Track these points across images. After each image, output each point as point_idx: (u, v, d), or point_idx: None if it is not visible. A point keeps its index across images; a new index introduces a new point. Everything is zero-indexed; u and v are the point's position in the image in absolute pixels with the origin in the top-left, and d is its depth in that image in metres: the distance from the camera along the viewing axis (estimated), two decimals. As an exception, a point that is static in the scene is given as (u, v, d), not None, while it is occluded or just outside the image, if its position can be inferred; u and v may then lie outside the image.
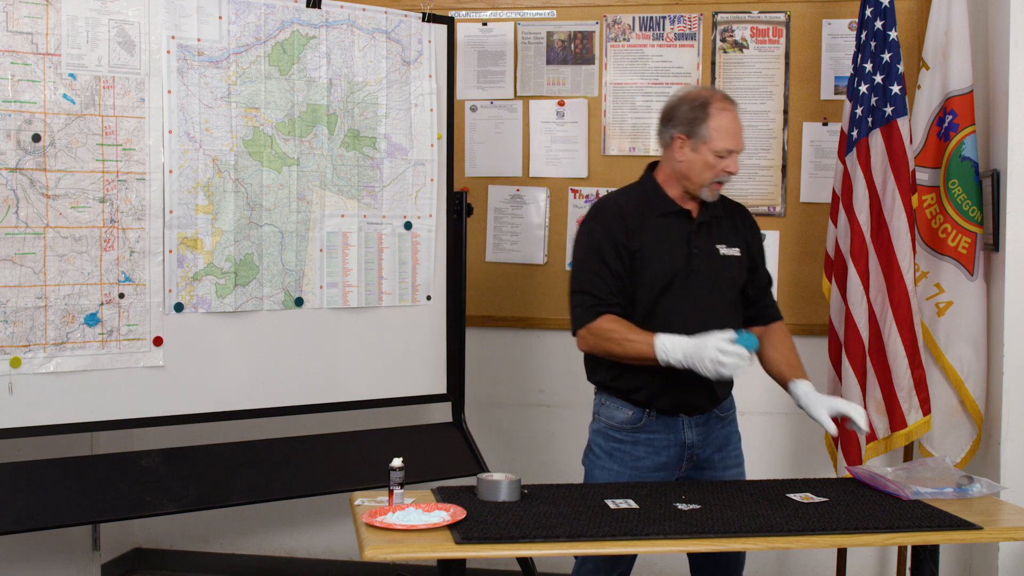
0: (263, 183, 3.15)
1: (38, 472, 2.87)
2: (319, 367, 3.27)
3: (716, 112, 2.66)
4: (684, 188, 2.73)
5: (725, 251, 2.76)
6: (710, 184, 2.70)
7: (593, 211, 2.78)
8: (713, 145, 2.66)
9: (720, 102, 2.68)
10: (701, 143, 2.67)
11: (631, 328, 2.64)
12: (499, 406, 4.07)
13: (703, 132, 2.66)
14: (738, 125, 2.70)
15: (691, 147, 2.69)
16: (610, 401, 2.78)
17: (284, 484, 3.19)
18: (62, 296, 2.85)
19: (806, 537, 2.23)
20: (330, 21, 3.25)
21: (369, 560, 2.09)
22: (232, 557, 4.27)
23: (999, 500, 2.58)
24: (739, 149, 2.69)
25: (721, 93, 2.73)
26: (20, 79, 2.78)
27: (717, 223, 2.78)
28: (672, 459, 2.75)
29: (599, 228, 2.72)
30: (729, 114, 2.68)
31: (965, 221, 3.42)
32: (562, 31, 3.99)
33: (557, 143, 4.00)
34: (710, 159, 2.66)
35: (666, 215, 2.73)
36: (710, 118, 2.66)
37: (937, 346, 3.49)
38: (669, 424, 2.74)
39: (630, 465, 2.74)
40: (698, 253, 2.72)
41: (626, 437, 2.75)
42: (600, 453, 2.79)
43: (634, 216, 2.72)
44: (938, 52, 3.45)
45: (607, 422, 2.78)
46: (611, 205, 2.76)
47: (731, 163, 2.68)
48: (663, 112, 2.77)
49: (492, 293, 4.06)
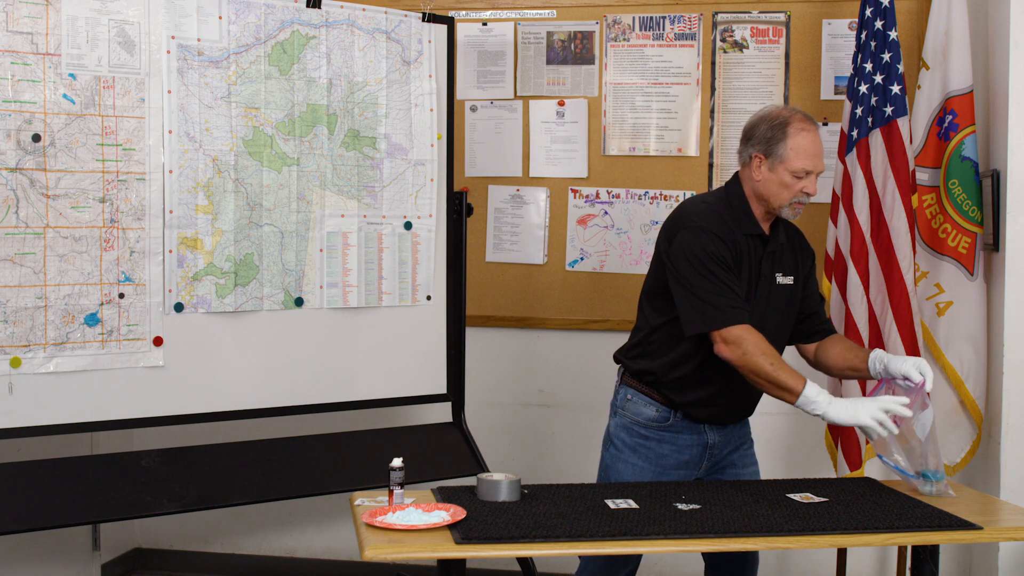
0: (263, 183, 3.15)
1: (38, 472, 2.87)
2: (319, 367, 3.27)
3: (795, 132, 2.63)
4: (765, 208, 2.71)
5: (781, 279, 2.75)
6: (790, 204, 2.67)
7: (697, 220, 2.68)
8: (790, 165, 2.63)
9: (800, 122, 2.65)
10: (779, 163, 2.64)
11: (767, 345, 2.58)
12: (499, 406, 4.07)
13: (781, 152, 2.63)
14: (818, 146, 2.66)
15: (768, 167, 2.66)
16: (637, 397, 2.79)
17: (284, 484, 3.19)
18: (62, 296, 2.85)
19: (806, 537, 2.23)
20: (330, 21, 3.25)
21: (369, 560, 2.09)
22: (232, 557, 4.27)
23: (999, 500, 2.58)
24: (818, 170, 2.66)
25: (803, 113, 2.70)
26: (20, 79, 2.78)
27: (781, 250, 2.77)
28: (694, 458, 2.78)
29: (715, 239, 2.64)
30: (808, 134, 2.64)
31: (965, 221, 3.42)
32: (562, 31, 3.99)
33: (557, 143, 4.00)
34: (787, 179, 2.64)
35: (749, 236, 2.70)
36: (788, 138, 2.63)
37: (937, 346, 3.49)
38: (692, 426, 2.77)
39: (654, 462, 2.77)
40: (763, 281, 2.71)
41: (652, 434, 2.77)
42: (623, 448, 2.80)
43: (732, 228, 2.69)
44: (938, 52, 3.45)
45: (633, 418, 2.79)
46: (714, 216, 2.68)
47: (809, 184, 2.65)
48: (744, 131, 2.75)
49: (492, 293, 4.06)
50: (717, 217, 2.68)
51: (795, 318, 2.83)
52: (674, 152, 3.93)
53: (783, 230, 2.79)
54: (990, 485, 3.41)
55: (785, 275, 2.77)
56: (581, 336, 4.02)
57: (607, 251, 3.98)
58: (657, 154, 3.94)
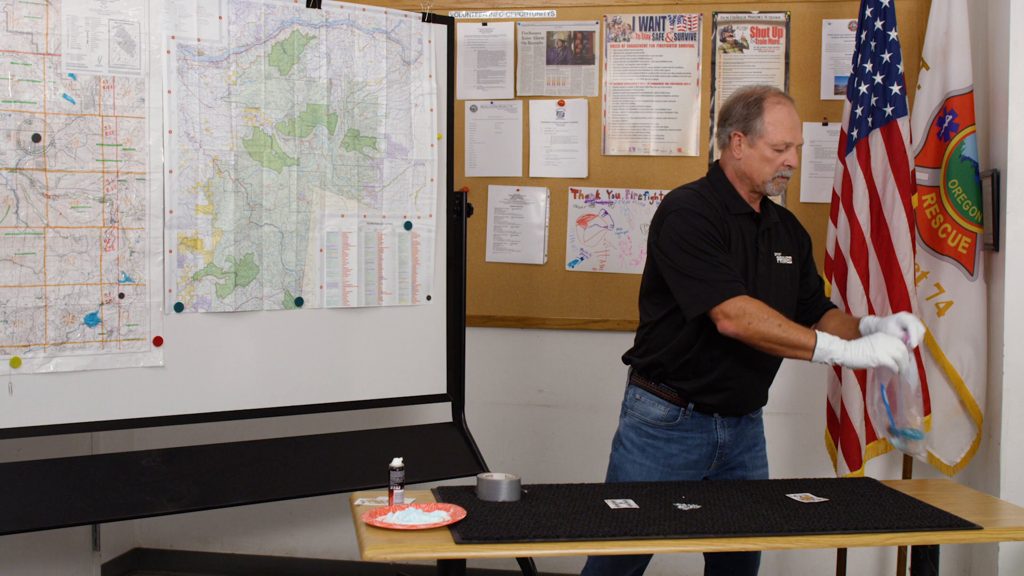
0: (263, 183, 3.15)
1: (38, 472, 2.87)
2: (319, 367, 3.27)
3: (770, 106, 2.67)
4: (750, 187, 2.73)
5: (781, 259, 2.77)
6: (773, 179, 2.69)
7: (681, 203, 2.70)
8: (770, 138, 2.66)
9: (774, 96, 2.69)
10: (758, 138, 2.67)
11: (771, 310, 2.57)
12: (499, 406, 4.07)
13: (758, 127, 2.67)
14: (794, 118, 2.69)
15: (748, 143, 2.69)
16: (645, 397, 2.79)
17: (284, 484, 3.19)
18: (62, 296, 2.85)
19: (806, 537, 2.23)
20: (330, 21, 3.25)
21: (369, 560, 2.09)
22: (232, 557, 4.27)
23: (999, 500, 2.58)
24: (797, 142, 2.69)
25: (776, 88, 2.74)
26: (20, 79, 2.78)
27: (776, 229, 2.79)
28: (703, 457, 2.78)
29: (701, 216, 2.65)
30: (784, 107, 2.68)
31: (965, 221, 3.42)
32: (562, 31, 3.99)
33: (557, 143, 4.00)
34: (768, 153, 2.67)
35: (740, 215, 2.72)
36: (765, 112, 2.67)
37: (937, 346, 3.49)
38: (703, 423, 2.76)
39: (662, 462, 2.76)
40: (762, 258, 2.72)
41: (660, 434, 2.77)
42: (631, 448, 2.80)
43: (721, 210, 2.71)
44: (938, 52, 3.45)
45: (641, 417, 2.80)
46: (698, 198, 2.71)
47: (790, 156, 2.68)
48: (720, 114, 2.79)
49: (492, 293, 4.06)
50: (701, 199, 2.70)
51: (796, 301, 2.83)
52: (674, 152, 3.93)
53: (774, 211, 2.81)
54: (990, 485, 3.41)
55: (784, 255, 2.78)
56: (581, 336, 4.02)
57: (607, 251, 3.98)
58: (657, 154, 3.94)
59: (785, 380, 3.90)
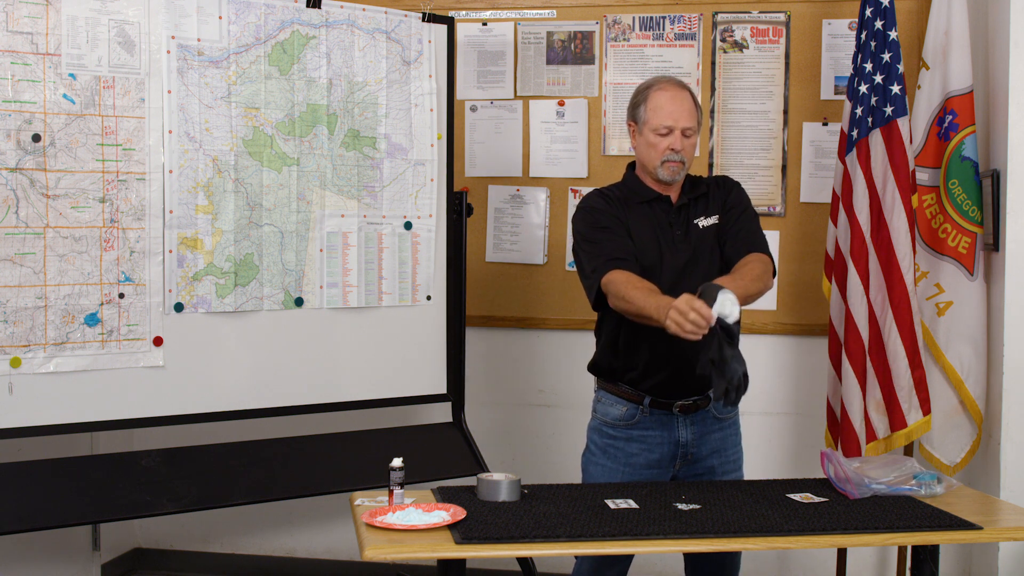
0: (263, 183, 3.15)
1: (38, 472, 2.87)
2: (319, 367, 3.27)
3: (653, 93, 2.72)
4: (653, 177, 2.77)
5: (704, 223, 2.78)
6: (662, 163, 2.71)
7: (583, 202, 2.82)
8: (651, 123, 2.71)
9: (660, 83, 2.74)
10: (643, 126, 2.74)
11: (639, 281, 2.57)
12: (499, 406, 4.07)
13: (642, 115, 2.74)
14: (678, 103, 2.69)
15: (638, 131, 2.77)
16: (606, 397, 2.81)
17: (284, 484, 3.19)
18: (62, 296, 2.85)
19: (806, 537, 2.23)
20: (330, 21, 3.25)
21: (369, 560, 2.09)
22: (232, 557, 4.27)
23: (999, 500, 2.58)
24: (680, 125, 2.69)
25: (668, 77, 2.78)
26: (20, 79, 2.78)
27: (697, 201, 2.80)
28: (666, 456, 2.77)
29: (594, 209, 2.75)
30: (666, 93, 2.71)
31: (965, 221, 3.42)
32: (562, 31, 3.99)
33: (557, 143, 4.00)
34: (652, 139, 2.71)
35: (647, 202, 2.77)
36: (648, 100, 2.72)
37: (937, 346, 3.48)
38: (663, 421, 2.76)
39: (623, 462, 2.76)
40: (677, 232, 2.74)
41: (620, 434, 2.77)
42: (595, 450, 2.82)
43: (619, 202, 2.77)
44: (938, 52, 3.45)
45: (602, 419, 2.82)
46: (597, 195, 2.81)
47: (673, 140, 2.69)
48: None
49: (492, 293, 4.06)
50: (599, 195, 2.80)
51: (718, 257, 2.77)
52: (674, 152, 3.92)
53: (705, 183, 2.81)
54: (990, 485, 3.41)
55: (708, 217, 2.79)
56: (581, 336, 4.01)
57: (607, 251, 3.97)
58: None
59: (785, 380, 3.91)
